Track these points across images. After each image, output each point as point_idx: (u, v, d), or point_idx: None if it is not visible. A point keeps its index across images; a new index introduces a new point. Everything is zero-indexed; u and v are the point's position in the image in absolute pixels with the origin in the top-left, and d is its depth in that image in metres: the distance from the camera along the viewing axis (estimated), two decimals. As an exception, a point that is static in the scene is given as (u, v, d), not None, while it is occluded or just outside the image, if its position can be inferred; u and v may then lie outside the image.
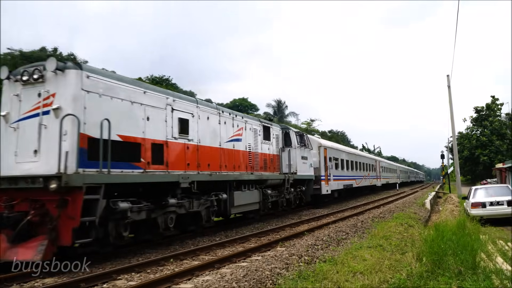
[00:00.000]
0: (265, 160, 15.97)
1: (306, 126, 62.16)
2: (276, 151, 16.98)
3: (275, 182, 16.60)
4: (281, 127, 18.78)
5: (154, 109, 9.96)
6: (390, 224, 13.08)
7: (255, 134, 15.39)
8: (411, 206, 20.88)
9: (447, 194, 33.44)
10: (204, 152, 11.76)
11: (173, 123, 10.56)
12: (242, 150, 14.24)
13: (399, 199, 28.44)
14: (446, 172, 43.83)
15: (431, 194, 29.67)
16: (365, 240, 10.60)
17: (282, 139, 17.98)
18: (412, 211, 18.29)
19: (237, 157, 13.79)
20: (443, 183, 53.33)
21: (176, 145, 10.63)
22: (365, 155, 39.87)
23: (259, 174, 15.12)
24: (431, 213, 20.03)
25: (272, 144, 16.87)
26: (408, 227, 13.03)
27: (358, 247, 9.38)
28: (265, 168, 15.89)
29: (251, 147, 14.92)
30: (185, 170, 10.76)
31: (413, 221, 14.52)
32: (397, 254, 8.62)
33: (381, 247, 9.28)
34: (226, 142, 13.22)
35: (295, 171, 18.04)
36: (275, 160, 16.90)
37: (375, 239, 10.38)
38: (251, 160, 14.73)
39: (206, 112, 12.22)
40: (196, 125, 11.58)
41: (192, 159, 11.22)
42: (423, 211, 19.67)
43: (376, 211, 18.82)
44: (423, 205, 22.28)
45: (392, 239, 10.43)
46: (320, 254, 8.71)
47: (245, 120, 14.80)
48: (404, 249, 9.15)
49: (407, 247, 9.44)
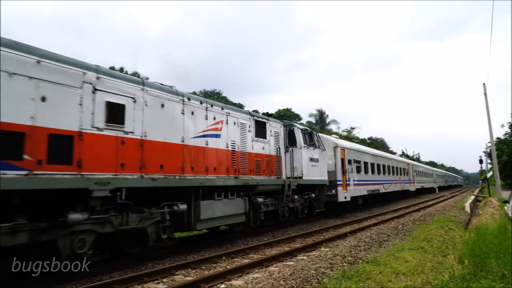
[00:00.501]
0: (258, 162, 13.02)
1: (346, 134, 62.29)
2: (274, 151, 14.15)
3: (271, 188, 13.62)
4: (284, 123, 15.75)
5: (58, 86, 7.09)
6: (431, 227, 13.23)
7: (242, 129, 12.44)
8: (451, 210, 20.81)
9: (486, 198, 32.76)
10: (153, 149, 8.83)
11: (95, 108, 7.68)
12: (222, 148, 11.29)
13: (439, 203, 28.15)
14: (485, 176, 43.14)
15: (470, 198, 29.22)
16: (406, 242, 10.82)
17: (285, 137, 15.32)
18: (452, 214, 18.28)
19: (212, 156, 10.78)
20: (482, 187, 52.61)
21: (101, 138, 7.74)
22: (395, 158, 36.50)
23: (246, 178, 12.09)
24: (471, 216, 19.84)
25: (269, 143, 13.90)
26: (449, 230, 13.11)
27: (400, 248, 9.63)
28: (258, 171, 12.94)
29: (236, 145, 11.93)
30: (117, 173, 7.88)
31: (453, 224, 14.58)
32: (439, 256, 8.75)
33: (422, 249, 9.49)
34: (195, 137, 10.23)
35: (300, 175, 15.28)
36: (273, 162, 13.91)
37: (417, 241, 10.58)
38: (235, 161, 11.76)
39: (159, 98, 9.28)
40: (141, 113, 8.69)
41: (131, 158, 8.27)
42: (463, 214, 19.58)
43: (416, 214, 18.88)
44: (463, 209, 22.11)
45: (433, 241, 10.60)
46: (363, 255, 9.01)
47: (226, 112, 11.81)
48: (446, 252, 9.28)
49: (448, 249, 9.57)
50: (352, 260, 8.50)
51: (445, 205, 25.23)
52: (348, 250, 9.47)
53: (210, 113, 11.09)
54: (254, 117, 13.30)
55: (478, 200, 32.44)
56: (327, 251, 9.69)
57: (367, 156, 25.47)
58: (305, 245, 10.59)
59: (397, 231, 12.96)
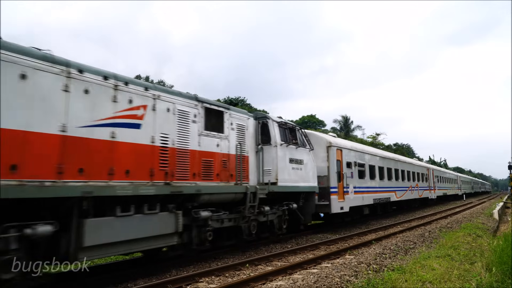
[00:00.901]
0: (208, 163, 9.94)
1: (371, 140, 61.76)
2: (235, 149, 10.96)
3: (225, 197, 10.40)
4: (256, 115, 12.71)
5: None
6: (458, 234, 12.98)
7: (182, 119, 9.36)
8: (479, 217, 20.40)
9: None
10: None
11: None
12: (143, 143, 8.24)
13: (466, 210, 27.65)
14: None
15: (499, 205, 28.58)
16: (433, 249, 10.64)
17: (258, 133, 12.25)
18: (480, 221, 17.92)
19: (123, 155, 7.77)
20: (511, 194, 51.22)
21: None
22: (412, 162, 32.23)
23: (182, 185, 8.98)
24: (500, 223, 19.43)
25: (229, 138, 10.80)
26: (477, 237, 12.85)
27: (426, 256, 9.47)
28: (208, 176, 9.89)
29: (169, 140, 8.85)
30: None
31: (481, 231, 14.28)
32: (466, 264, 8.60)
33: (449, 257, 9.31)
34: (90, 126, 7.24)
35: (274, 180, 12.15)
36: (231, 163, 10.77)
37: (443, 249, 10.40)
38: (166, 161, 8.70)
39: (14, 65, 6.17)
40: None
41: None
42: (491, 221, 19.18)
43: (443, 221, 18.60)
44: (491, 215, 21.66)
45: (460, 249, 10.40)
46: (388, 263, 8.90)
47: (153, 95, 8.68)
48: (473, 259, 9.11)
49: (476, 257, 9.39)
50: (377, 268, 8.40)
51: (473, 212, 24.75)
52: (373, 258, 9.38)
53: (122, 94, 7.93)
54: (203, 104, 10.12)
55: (507, 207, 31.79)
56: (351, 258, 9.62)
57: (373, 159, 21.51)
58: (329, 252, 10.54)
59: (424, 238, 12.77)
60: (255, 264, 9.39)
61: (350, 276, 7.68)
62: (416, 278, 7.27)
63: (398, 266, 8.43)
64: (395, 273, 7.73)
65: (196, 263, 9.66)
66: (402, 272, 7.82)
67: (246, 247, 11.59)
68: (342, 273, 7.85)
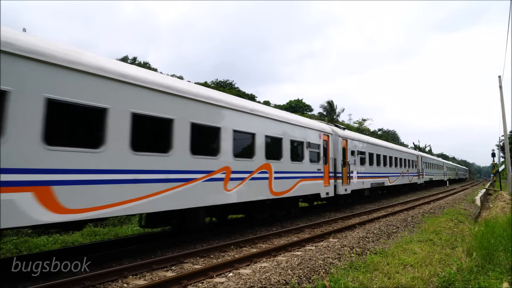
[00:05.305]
0: None
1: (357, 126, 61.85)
2: None
3: None
4: None
5: None
6: (440, 220, 13.18)
7: None
8: (461, 203, 20.71)
9: (497, 191, 32.66)
10: None
11: None
12: None
13: (449, 196, 28.06)
14: (497, 170, 43.13)
15: (481, 191, 29.08)
16: (415, 234, 10.82)
17: None
18: (462, 207, 18.20)
19: None
20: (493, 181, 52.32)
21: None
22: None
23: None
24: (481, 210, 19.80)
25: None
26: (458, 222, 13.07)
27: (408, 240, 9.63)
28: None
29: None
30: None
31: (463, 217, 14.52)
32: (447, 248, 8.76)
33: (431, 242, 9.48)
34: None
35: None
36: None
37: (425, 234, 10.57)
38: None
39: None
40: None
41: None
42: (473, 207, 19.51)
43: (426, 207, 18.83)
44: (473, 202, 22.01)
45: (442, 234, 10.58)
46: (371, 246, 9.03)
47: None
48: (454, 244, 9.29)
49: (457, 242, 9.57)
50: (360, 251, 8.52)
51: (456, 198, 25.11)
52: (357, 241, 9.49)
53: None
54: None
55: (489, 194, 32.33)
56: (335, 241, 9.72)
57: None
58: (313, 235, 10.64)
59: (406, 223, 12.96)
60: (240, 246, 9.48)
61: (333, 258, 7.77)
62: (397, 262, 7.40)
63: (380, 250, 8.56)
64: (377, 256, 7.86)
65: (181, 244, 9.70)
66: (384, 256, 7.95)
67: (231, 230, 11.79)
68: (326, 255, 7.94)
